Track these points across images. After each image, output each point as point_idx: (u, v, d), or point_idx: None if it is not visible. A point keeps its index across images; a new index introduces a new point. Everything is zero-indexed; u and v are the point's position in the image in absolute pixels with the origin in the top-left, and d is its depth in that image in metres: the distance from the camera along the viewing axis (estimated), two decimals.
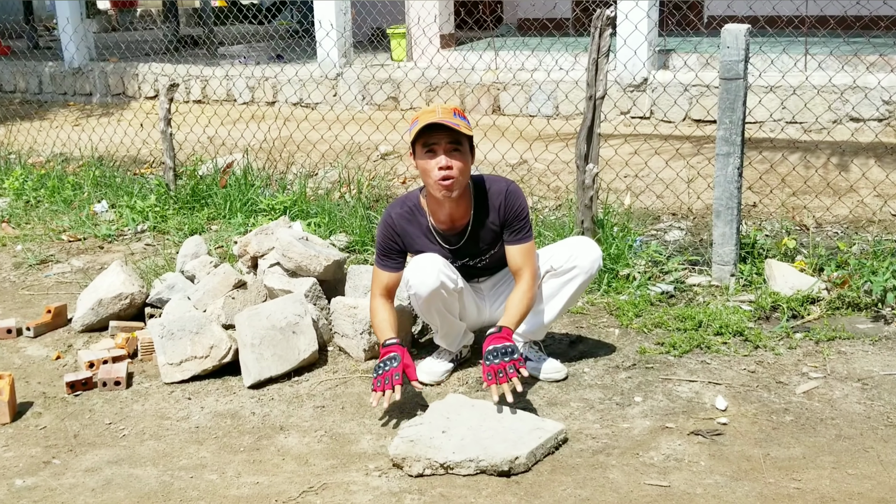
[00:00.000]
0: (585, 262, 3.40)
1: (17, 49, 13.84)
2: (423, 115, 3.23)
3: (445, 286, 3.30)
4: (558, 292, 3.46)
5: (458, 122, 3.20)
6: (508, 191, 3.37)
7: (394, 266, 3.41)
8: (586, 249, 3.42)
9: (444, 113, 3.20)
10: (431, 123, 3.17)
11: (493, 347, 3.11)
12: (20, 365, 3.81)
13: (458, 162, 3.21)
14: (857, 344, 3.70)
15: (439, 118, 3.17)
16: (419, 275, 3.28)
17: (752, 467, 2.82)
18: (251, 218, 5.57)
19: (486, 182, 3.41)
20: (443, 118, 3.17)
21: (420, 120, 3.22)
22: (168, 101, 5.89)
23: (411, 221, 3.40)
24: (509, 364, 3.07)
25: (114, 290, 4.10)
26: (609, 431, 3.07)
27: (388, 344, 3.24)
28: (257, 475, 2.88)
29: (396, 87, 9.22)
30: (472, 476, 2.80)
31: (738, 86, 4.21)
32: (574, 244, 3.48)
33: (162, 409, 3.36)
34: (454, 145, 3.21)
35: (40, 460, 3.03)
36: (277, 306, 3.64)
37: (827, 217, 5.26)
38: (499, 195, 3.36)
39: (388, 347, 3.23)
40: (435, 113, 3.20)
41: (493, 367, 3.08)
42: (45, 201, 6.41)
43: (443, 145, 3.20)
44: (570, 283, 3.43)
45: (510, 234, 3.37)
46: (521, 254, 3.35)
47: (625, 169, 5.99)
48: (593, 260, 3.41)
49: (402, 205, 3.44)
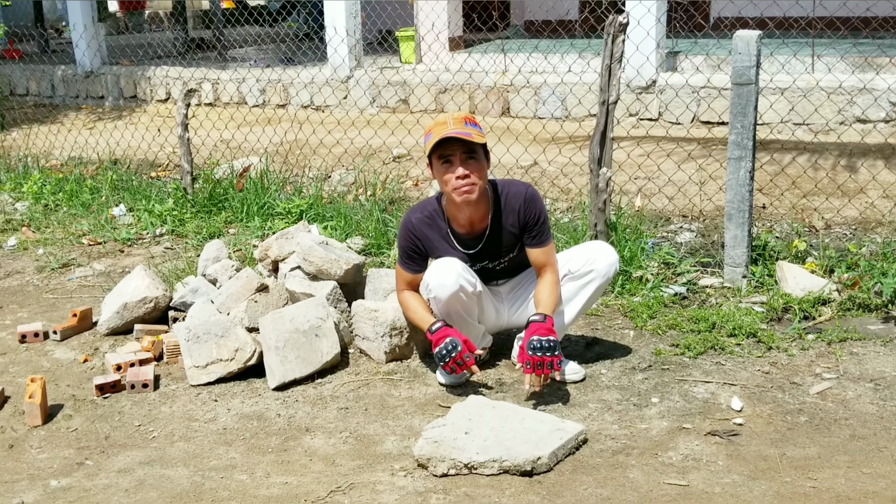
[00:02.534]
0: (602, 266, 3.49)
1: (28, 52, 13.95)
2: (436, 128, 3.31)
3: (464, 289, 3.38)
4: (576, 296, 3.55)
5: (471, 130, 3.29)
6: (527, 195, 3.46)
7: (416, 268, 3.53)
8: (603, 253, 3.51)
9: (455, 123, 3.29)
10: (445, 137, 3.26)
11: (538, 339, 3.23)
12: (49, 368, 3.90)
13: (474, 169, 3.31)
14: (868, 345, 3.77)
15: (451, 131, 3.26)
16: (438, 278, 3.37)
17: (768, 467, 2.89)
18: (268, 221, 5.65)
19: (503, 186, 3.50)
20: (455, 130, 3.26)
21: (433, 133, 3.31)
22: (185, 107, 5.98)
23: (431, 226, 3.49)
24: (549, 360, 3.21)
25: (138, 294, 4.19)
26: (627, 432, 3.15)
27: (435, 329, 3.38)
28: (286, 475, 2.96)
29: (407, 90, 9.29)
30: (495, 476, 2.88)
31: (750, 91, 4.28)
32: (591, 248, 3.57)
33: (190, 411, 3.44)
34: (469, 154, 3.31)
35: (74, 461, 3.11)
36: (300, 310, 3.72)
37: (837, 219, 5.32)
38: (517, 199, 3.46)
39: (438, 332, 3.36)
40: (447, 125, 3.29)
41: (535, 358, 3.22)
42: (63, 205, 6.50)
43: (458, 155, 3.31)
44: (588, 286, 3.52)
45: (531, 237, 3.47)
46: (543, 254, 3.47)
47: (636, 171, 6.05)
48: (610, 264, 3.50)
49: (421, 210, 3.53)
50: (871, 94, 6.84)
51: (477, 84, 8.84)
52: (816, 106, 6.87)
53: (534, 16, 11.73)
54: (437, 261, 3.46)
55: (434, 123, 3.36)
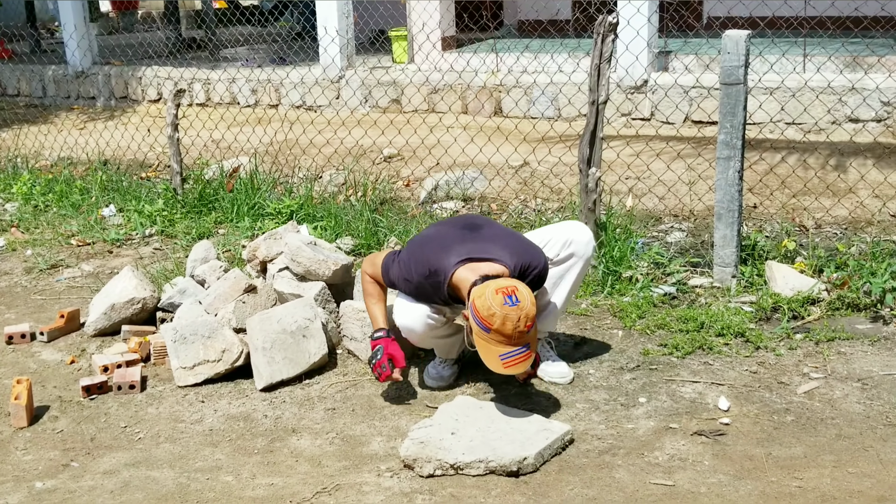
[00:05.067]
0: (580, 248, 3.46)
1: (20, 52, 13.90)
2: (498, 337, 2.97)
3: (433, 326, 3.33)
4: (560, 282, 3.49)
5: (532, 351, 3.03)
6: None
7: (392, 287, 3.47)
8: (579, 234, 3.48)
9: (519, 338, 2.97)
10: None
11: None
12: (35, 369, 3.88)
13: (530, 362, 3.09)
14: (856, 344, 3.77)
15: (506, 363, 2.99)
16: (406, 321, 3.32)
17: (754, 466, 2.89)
18: (258, 222, 5.63)
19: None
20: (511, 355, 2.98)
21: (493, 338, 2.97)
22: (175, 107, 5.96)
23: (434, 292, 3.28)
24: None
25: (126, 295, 4.18)
26: (614, 432, 3.15)
27: (375, 337, 3.41)
28: (272, 476, 2.95)
29: (398, 90, 9.28)
30: (481, 476, 2.88)
31: (739, 91, 4.28)
32: (565, 231, 3.50)
33: (176, 413, 3.43)
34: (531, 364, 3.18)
35: (59, 463, 3.10)
36: (288, 310, 3.71)
37: (826, 218, 5.33)
38: None
39: (374, 341, 3.40)
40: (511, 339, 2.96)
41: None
42: (53, 205, 6.48)
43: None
44: (571, 270, 3.48)
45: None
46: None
47: (626, 171, 6.05)
48: (587, 242, 3.48)
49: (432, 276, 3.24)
50: (862, 94, 6.85)
51: (468, 84, 8.83)
52: (806, 105, 6.88)
53: (526, 15, 11.72)
54: (401, 300, 3.35)
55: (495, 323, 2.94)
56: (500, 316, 2.93)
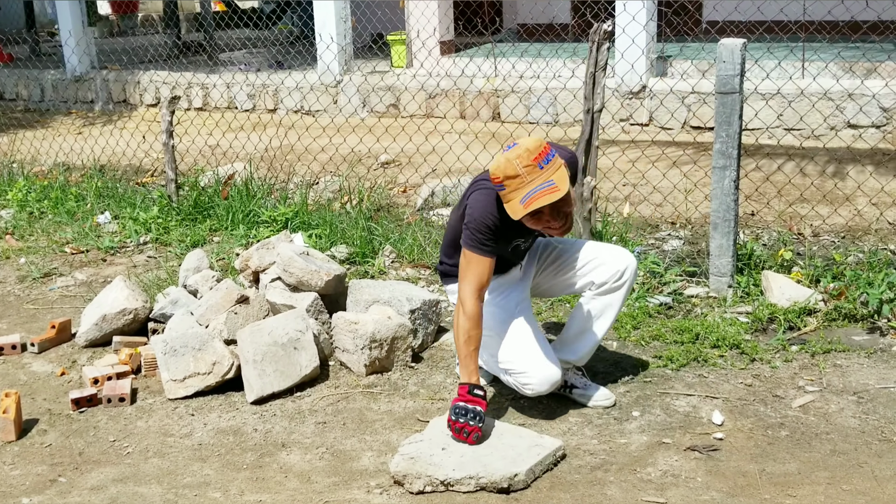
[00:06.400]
0: (630, 276, 3.32)
1: (19, 56, 13.88)
2: (509, 183, 2.92)
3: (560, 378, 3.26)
4: (604, 313, 3.35)
5: (552, 175, 2.92)
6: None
7: (492, 253, 3.14)
8: (631, 263, 3.32)
9: (530, 174, 2.89)
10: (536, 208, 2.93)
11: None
12: (25, 381, 3.85)
13: (567, 208, 3.01)
14: (852, 357, 3.74)
15: (537, 190, 2.90)
16: (539, 373, 3.18)
17: (748, 483, 2.86)
18: (253, 229, 5.61)
19: None
20: (539, 185, 2.89)
21: (515, 192, 2.93)
22: (170, 114, 5.94)
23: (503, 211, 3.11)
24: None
25: (117, 306, 4.15)
26: (607, 447, 3.12)
27: (475, 394, 3.08)
28: (260, 493, 2.92)
29: (396, 95, 9.26)
30: (471, 493, 2.85)
31: (735, 100, 4.25)
32: (619, 259, 3.31)
33: (165, 426, 3.40)
34: (563, 205, 2.99)
35: (46, 478, 3.07)
36: (279, 322, 3.68)
37: (824, 227, 5.29)
38: None
39: (475, 398, 3.07)
40: (522, 178, 2.90)
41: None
42: (48, 212, 6.45)
43: (550, 208, 2.97)
44: (616, 302, 3.34)
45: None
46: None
47: (623, 178, 6.02)
48: (634, 270, 3.33)
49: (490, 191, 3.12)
50: (859, 100, 6.82)
51: (465, 89, 8.81)
52: (803, 112, 6.85)
53: (525, 19, 11.70)
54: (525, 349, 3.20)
55: (499, 175, 2.92)
56: (501, 166, 2.92)
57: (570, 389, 3.43)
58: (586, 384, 3.45)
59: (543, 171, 2.92)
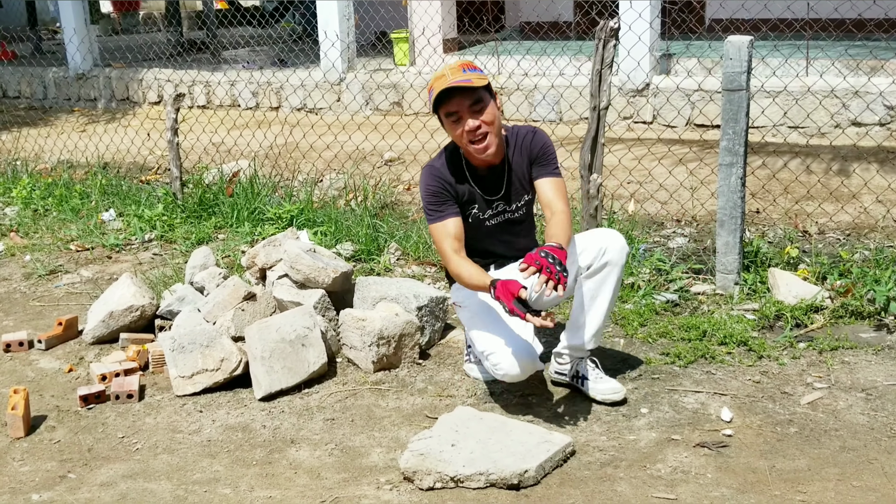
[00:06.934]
0: (615, 255, 3.28)
1: (21, 53, 13.89)
2: (436, 83, 3.22)
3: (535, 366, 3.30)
4: (598, 293, 3.32)
5: (471, 76, 3.19)
6: (536, 131, 3.44)
7: (452, 211, 3.33)
8: (612, 240, 3.30)
9: (453, 73, 3.20)
10: (445, 90, 3.17)
11: (549, 253, 2.94)
12: (33, 378, 3.86)
13: (484, 117, 3.22)
14: (860, 353, 3.74)
15: (450, 82, 3.17)
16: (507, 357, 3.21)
17: (757, 479, 2.86)
18: (258, 227, 5.61)
19: (513, 128, 3.47)
20: (453, 80, 3.17)
21: (434, 88, 3.22)
22: (174, 111, 5.94)
23: (453, 170, 3.37)
24: (557, 272, 2.88)
25: (124, 303, 4.15)
26: (616, 444, 3.12)
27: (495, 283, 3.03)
28: (270, 489, 2.92)
29: (400, 93, 9.26)
30: (481, 489, 2.85)
31: (741, 97, 4.25)
32: (598, 238, 3.34)
33: (174, 423, 3.40)
34: (475, 102, 3.21)
35: (56, 474, 3.07)
36: (287, 319, 3.68)
37: (830, 224, 5.29)
38: (527, 134, 3.42)
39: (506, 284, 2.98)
40: (445, 77, 3.20)
41: (545, 261, 2.90)
42: (53, 210, 6.45)
43: (465, 108, 3.20)
44: (607, 280, 3.30)
45: (539, 168, 3.37)
46: (552, 187, 3.34)
47: (629, 175, 6.02)
48: (621, 248, 3.29)
49: (439, 156, 3.44)
50: (865, 98, 6.81)
51: None
52: (809, 110, 6.85)
53: (528, 18, 11.70)
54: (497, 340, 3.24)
55: (433, 79, 3.26)
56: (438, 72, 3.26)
57: (581, 381, 3.42)
58: (598, 377, 3.42)
59: (466, 74, 3.18)
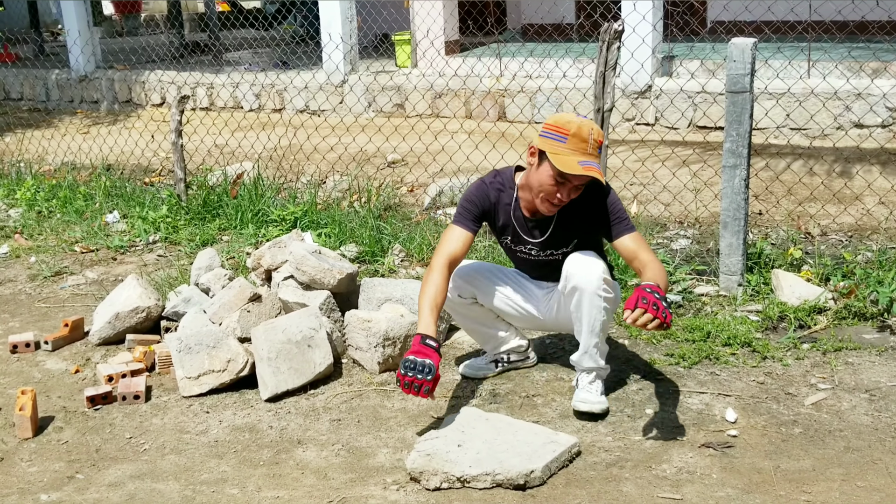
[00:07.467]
0: (580, 280, 3.20)
1: (23, 55, 13.91)
2: (573, 142, 3.09)
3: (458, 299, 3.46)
4: (579, 318, 3.27)
5: (598, 162, 3.14)
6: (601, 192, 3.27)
7: (471, 227, 3.34)
8: (577, 265, 3.24)
9: (592, 150, 3.12)
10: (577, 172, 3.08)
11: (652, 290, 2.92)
12: (40, 379, 3.87)
13: (576, 197, 3.20)
14: (863, 354, 3.75)
15: (586, 162, 3.09)
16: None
17: (762, 480, 2.87)
18: (262, 228, 5.63)
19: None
20: (588, 161, 3.09)
21: (567, 145, 3.09)
22: (179, 113, 5.96)
23: (502, 197, 3.37)
24: (664, 308, 2.87)
25: (130, 304, 4.16)
26: (621, 444, 3.13)
27: (427, 343, 3.05)
28: (277, 489, 2.93)
29: (402, 95, 9.28)
30: (488, 490, 2.86)
31: (745, 99, 4.26)
32: (568, 262, 3.29)
33: (181, 423, 3.42)
34: (582, 185, 3.18)
35: (64, 475, 3.09)
36: (293, 320, 3.70)
37: (832, 226, 5.31)
38: (588, 199, 3.27)
39: (426, 348, 3.04)
40: (586, 145, 3.09)
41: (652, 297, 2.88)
42: (57, 212, 6.47)
43: (573, 183, 3.15)
44: (581, 305, 3.23)
45: (614, 228, 3.27)
46: (632, 242, 3.26)
47: (632, 177, 6.04)
48: (585, 274, 3.20)
49: (496, 175, 3.42)
50: (868, 100, 6.83)
51: (472, 89, 8.82)
52: (812, 112, 6.86)
53: (530, 20, 11.72)
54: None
55: (571, 128, 3.10)
56: (577, 123, 3.12)
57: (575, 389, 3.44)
58: (585, 388, 3.36)
59: (597, 157, 3.18)
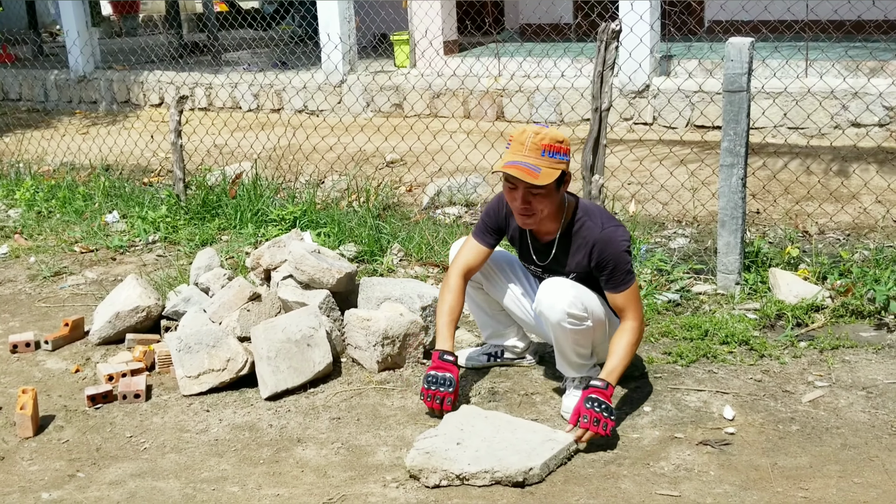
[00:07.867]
0: (545, 310, 3.18)
1: (22, 56, 13.92)
2: (513, 146, 3.09)
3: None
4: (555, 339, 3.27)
5: (541, 164, 3.03)
6: (598, 239, 3.17)
7: (490, 241, 3.42)
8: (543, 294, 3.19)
9: (530, 150, 3.04)
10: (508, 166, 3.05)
11: (596, 398, 3.04)
12: (40, 378, 3.88)
13: (538, 205, 3.12)
14: (860, 352, 3.77)
15: (518, 160, 3.04)
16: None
17: (760, 477, 2.89)
18: (261, 228, 5.64)
19: (583, 214, 3.24)
20: (522, 160, 3.03)
21: (509, 150, 3.10)
22: (178, 113, 5.97)
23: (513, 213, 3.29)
24: (605, 421, 3.01)
25: (130, 304, 4.18)
26: (619, 442, 3.15)
27: (445, 359, 3.29)
28: (278, 487, 2.95)
29: (400, 95, 9.29)
30: (487, 487, 2.88)
31: (742, 98, 4.28)
32: (541, 288, 3.25)
33: (181, 422, 3.43)
34: (536, 188, 3.07)
35: (65, 474, 3.10)
36: (292, 319, 3.71)
37: (830, 224, 5.33)
38: (590, 234, 3.20)
39: (445, 363, 3.28)
40: (523, 147, 3.05)
41: (592, 412, 3.02)
42: (56, 212, 6.48)
43: (524, 185, 3.08)
44: (552, 331, 3.24)
45: (603, 280, 3.22)
46: (623, 299, 3.20)
47: (630, 177, 6.06)
48: (550, 306, 3.15)
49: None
50: (864, 99, 6.85)
51: (470, 89, 8.84)
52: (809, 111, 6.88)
53: (528, 19, 11.74)
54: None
55: (516, 134, 3.11)
56: (523, 129, 3.12)
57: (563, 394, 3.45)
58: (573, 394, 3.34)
59: (541, 159, 3.07)
